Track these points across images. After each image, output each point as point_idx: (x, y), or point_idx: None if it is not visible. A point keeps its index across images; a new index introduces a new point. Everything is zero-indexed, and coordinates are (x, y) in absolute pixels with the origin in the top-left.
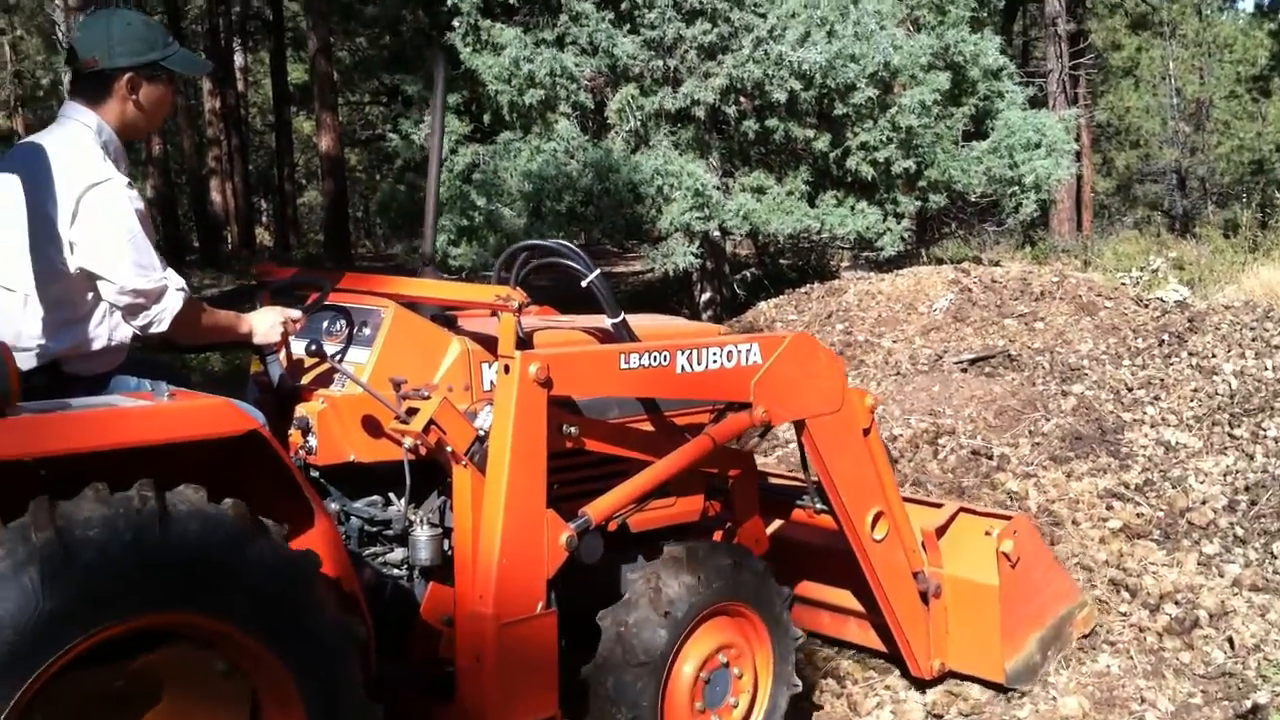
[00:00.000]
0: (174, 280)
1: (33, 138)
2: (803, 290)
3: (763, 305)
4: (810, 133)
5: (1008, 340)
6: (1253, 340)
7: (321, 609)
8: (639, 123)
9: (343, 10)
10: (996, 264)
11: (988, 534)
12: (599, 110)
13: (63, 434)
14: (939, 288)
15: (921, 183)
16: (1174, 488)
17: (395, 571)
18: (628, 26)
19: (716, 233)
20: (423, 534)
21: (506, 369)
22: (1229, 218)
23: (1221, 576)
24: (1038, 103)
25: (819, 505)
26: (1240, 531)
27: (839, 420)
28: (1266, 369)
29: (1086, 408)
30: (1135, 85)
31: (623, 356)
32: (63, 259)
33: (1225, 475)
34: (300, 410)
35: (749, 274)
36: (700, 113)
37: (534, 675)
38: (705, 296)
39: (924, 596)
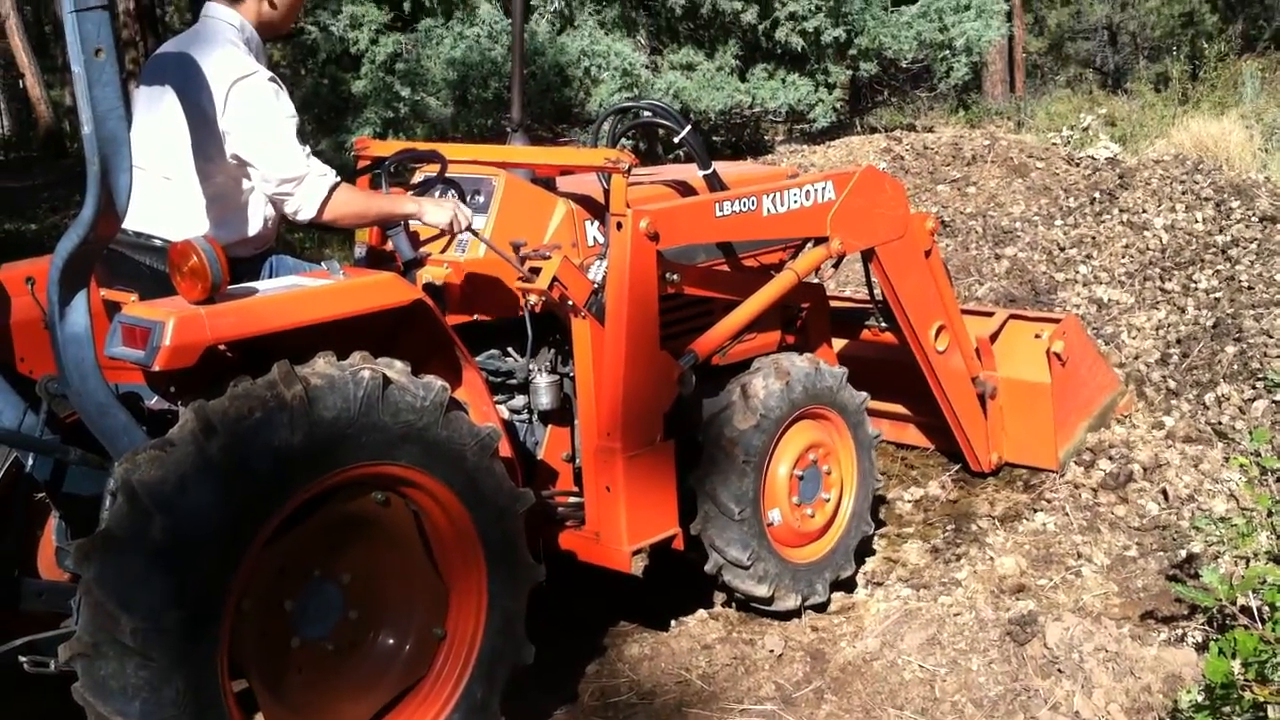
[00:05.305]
0: (316, 168)
1: (177, 39)
2: None
3: None
4: (738, 5)
5: (940, 206)
6: (1183, 194)
7: (499, 473)
8: (563, 3)
9: None
10: (930, 130)
11: (1037, 337)
12: None
13: (271, 314)
14: (871, 157)
15: (852, 51)
16: (1107, 344)
17: (518, 417)
18: None
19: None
20: (543, 381)
21: (619, 225)
22: (1160, 71)
23: (1155, 430)
24: None
25: (883, 324)
26: (1173, 384)
27: (904, 245)
28: (1196, 221)
29: (1020, 270)
30: None
31: (717, 205)
32: (219, 148)
33: (1158, 329)
34: (425, 276)
35: (683, 152)
36: None
37: (658, 498)
38: None
39: (981, 399)
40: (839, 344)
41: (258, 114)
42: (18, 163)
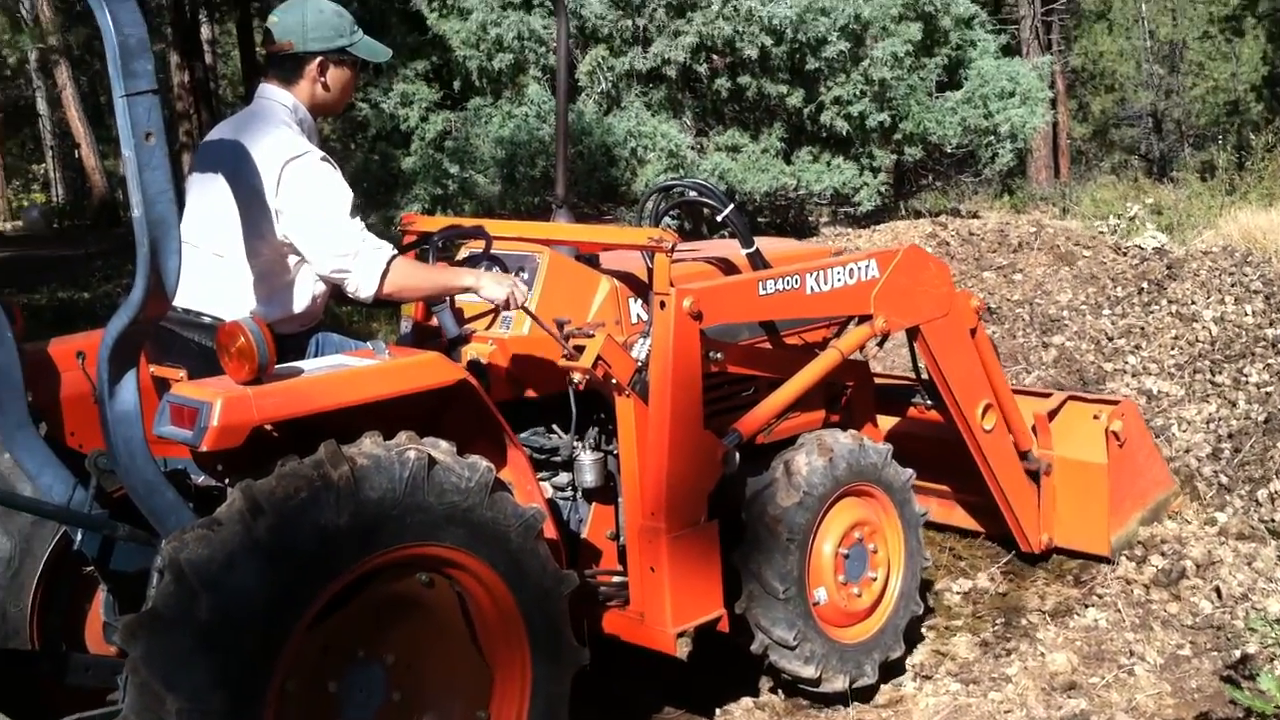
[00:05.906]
0: (371, 241)
1: (232, 120)
2: None
3: None
4: (783, 89)
5: (986, 293)
6: (1232, 286)
7: (544, 555)
8: (610, 84)
9: None
10: (975, 215)
11: (1096, 418)
12: (569, 73)
13: (317, 394)
14: (917, 241)
15: (897, 136)
16: (1157, 437)
17: (562, 495)
18: None
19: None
20: (587, 458)
21: (663, 304)
22: (1206, 159)
23: (1208, 526)
24: (1011, 51)
25: (929, 402)
26: (1225, 480)
27: (949, 323)
28: (1246, 314)
29: (1068, 359)
30: (1109, 29)
31: (760, 284)
32: (270, 226)
33: (1208, 423)
34: (470, 353)
35: (726, 233)
36: (672, 72)
37: (702, 580)
38: None
39: (1034, 476)
40: (886, 422)
41: (310, 193)
42: (72, 231)
